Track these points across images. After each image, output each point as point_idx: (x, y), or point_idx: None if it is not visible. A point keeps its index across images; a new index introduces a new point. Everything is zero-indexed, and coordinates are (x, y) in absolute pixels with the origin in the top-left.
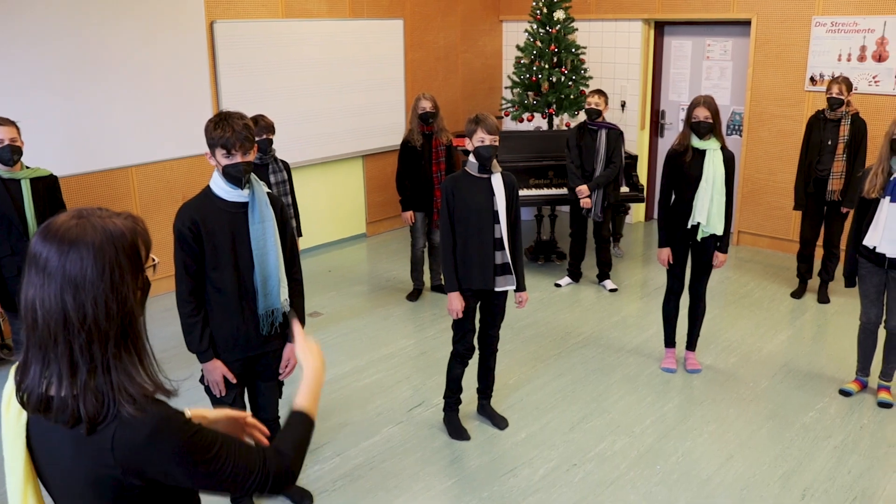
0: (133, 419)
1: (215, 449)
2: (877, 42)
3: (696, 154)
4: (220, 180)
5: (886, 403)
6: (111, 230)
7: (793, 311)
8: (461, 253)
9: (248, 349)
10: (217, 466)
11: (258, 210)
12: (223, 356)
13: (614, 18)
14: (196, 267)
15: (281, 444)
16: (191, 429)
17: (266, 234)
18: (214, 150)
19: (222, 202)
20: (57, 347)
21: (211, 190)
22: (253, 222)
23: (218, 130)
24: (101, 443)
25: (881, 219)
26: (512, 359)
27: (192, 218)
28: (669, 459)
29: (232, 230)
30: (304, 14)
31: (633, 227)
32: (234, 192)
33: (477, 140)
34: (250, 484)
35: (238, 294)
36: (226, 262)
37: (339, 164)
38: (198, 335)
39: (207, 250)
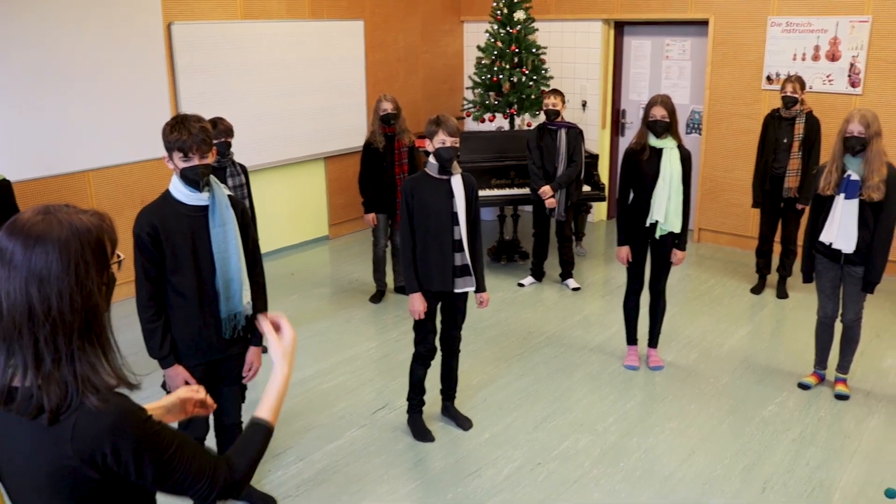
0: (95, 410)
1: (171, 450)
2: (830, 42)
3: (653, 153)
4: (178, 183)
5: (843, 396)
6: (77, 226)
7: (752, 306)
8: (421, 254)
9: (210, 353)
10: (169, 468)
11: (219, 213)
12: (185, 361)
13: (574, 19)
14: (156, 271)
15: (235, 457)
16: (151, 426)
17: (227, 236)
18: (172, 153)
19: (182, 206)
20: (22, 339)
21: (170, 194)
22: (214, 225)
23: (175, 133)
24: (62, 433)
25: (836, 215)
26: (475, 359)
27: (150, 222)
28: (632, 456)
29: (192, 234)
30: (263, 15)
31: (595, 226)
32: (193, 196)
33: (438, 142)
34: (196, 490)
35: (199, 298)
36: (186, 265)
37: (300, 166)
38: (159, 340)
39: (167, 254)
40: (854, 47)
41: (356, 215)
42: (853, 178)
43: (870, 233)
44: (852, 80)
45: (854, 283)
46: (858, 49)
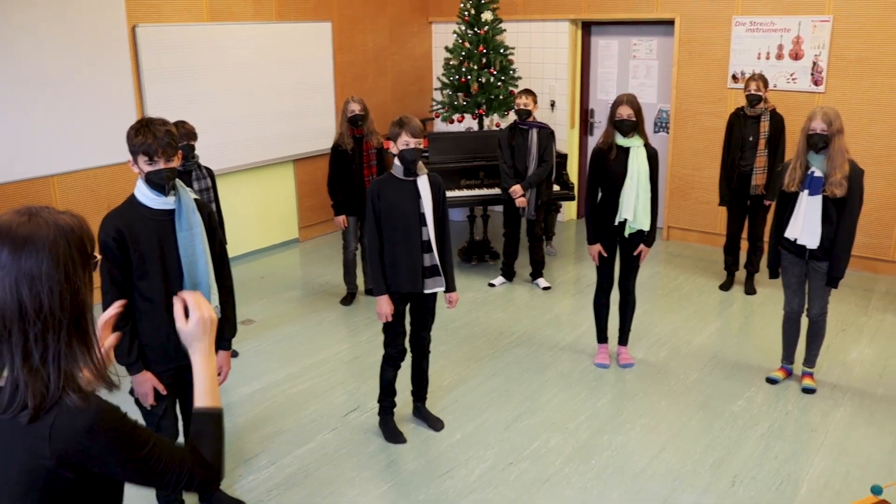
0: (74, 408)
1: (149, 446)
2: (793, 41)
3: (620, 151)
4: (144, 188)
5: (810, 389)
6: (62, 225)
7: (721, 303)
8: (389, 256)
9: (178, 359)
10: (147, 464)
11: (185, 217)
12: (153, 367)
13: (542, 19)
14: (122, 277)
15: (203, 449)
16: (128, 423)
17: (194, 241)
18: (137, 157)
19: (148, 210)
20: (11, 338)
21: (135, 198)
22: (180, 229)
23: (139, 137)
24: (39, 432)
25: (800, 211)
26: (446, 360)
27: (116, 227)
28: (603, 454)
29: (159, 238)
30: (229, 17)
31: (565, 226)
32: (159, 200)
33: (402, 143)
34: (175, 484)
35: (167, 303)
36: (153, 270)
37: (269, 168)
38: (126, 346)
39: (134, 259)
40: (816, 46)
41: (326, 218)
42: (816, 174)
43: (833, 228)
44: (815, 78)
45: (819, 279)
46: (820, 48)
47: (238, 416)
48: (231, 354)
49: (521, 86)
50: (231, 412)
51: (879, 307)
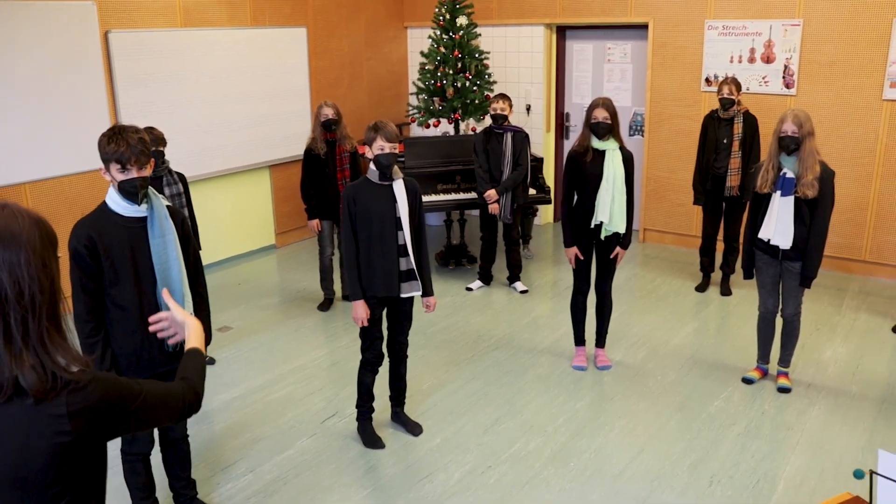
0: (84, 384)
1: (147, 397)
2: (764, 45)
3: (596, 154)
4: (115, 195)
5: (785, 389)
6: (34, 216)
7: (697, 304)
8: (365, 260)
9: (152, 367)
10: (152, 411)
11: (158, 224)
12: (126, 375)
13: (517, 23)
14: (94, 285)
15: (186, 373)
16: (125, 383)
17: (167, 248)
18: (109, 165)
19: (119, 217)
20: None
21: (107, 205)
22: (153, 237)
23: (112, 145)
24: (55, 410)
25: (773, 212)
26: (425, 364)
27: (87, 235)
28: (582, 456)
29: (131, 245)
30: (204, 23)
31: (542, 229)
32: (131, 207)
33: (377, 148)
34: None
35: (140, 311)
36: (126, 278)
37: (245, 174)
38: (99, 355)
39: (105, 267)
40: (787, 50)
41: (303, 223)
42: (788, 175)
43: (806, 229)
44: (787, 81)
45: (792, 279)
46: (792, 51)
47: (216, 423)
48: (208, 362)
49: (496, 90)
50: (208, 420)
51: (852, 306)
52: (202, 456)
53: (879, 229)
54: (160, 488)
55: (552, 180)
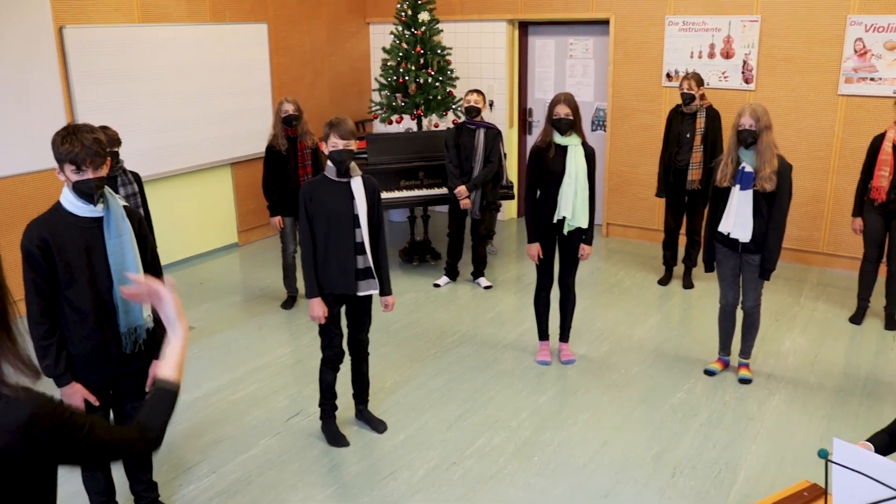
0: (13, 400)
1: (86, 430)
2: (724, 40)
3: (558, 150)
4: (70, 195)
5: (746, 380)
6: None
7: (660, 297)
8: (321, 257)
9: (110, 369)
10: (88, 446)
11: (114, 224)
12: (83, 378)
13: (479, 19)
14: (47, 286)
15: (147, 420)
16: (65, 410)
17: (124, 248)
18: (63, 165)
19: (74, 217)
20: None
21: (61, 205)
22: (109, 237)
23: (66, 145)
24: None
25: (732, 206)
26: (388, 361)
27: (40, 235)
28: (546, 450)
29: (87, 246)
30: (162, 18)
31: (505, 224)
32: (86, 207)
33: (331, 145)
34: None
35: (96, 312)
36: (81, 279)
37: (206, 172)
38: (53, 358)
39: (60, 268)
40: (746, 45)
41: (265, 221)
42: (747, 169)
43: (764, 222)
44: (746, 76)
45: (752, 271)
46: (750, 47)
47: (178, 424)
48: None
49: (459, 86)
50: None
51: (811, 297)
52: (164, 458)
53: (836, 222)
54: (120, 492)
55: (515, 176)
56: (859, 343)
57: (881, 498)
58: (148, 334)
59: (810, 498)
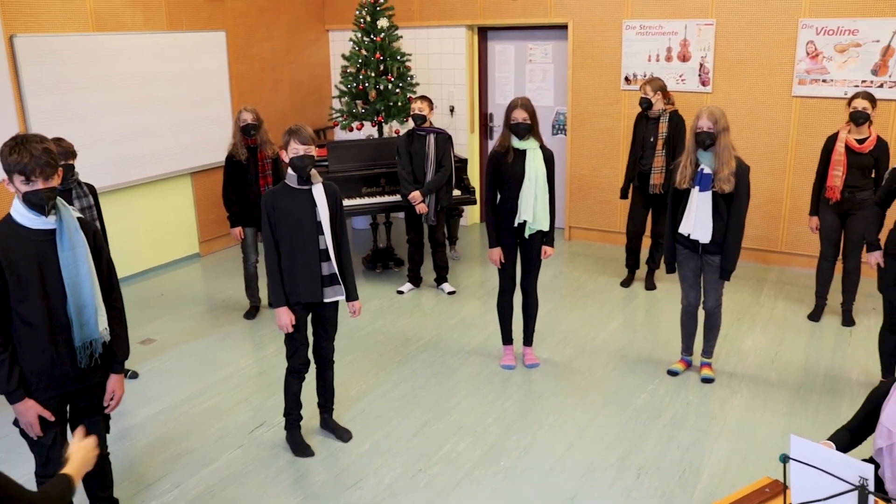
0: None
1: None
2: (680, 44)
3: (517, 154)
4: (21, 207)
5: (709, 379)
6: None
7: (623, 299)
8: (287, 266)
9: (64, 385)
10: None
11: (67, 237)
12: (37, 394)
13: (438, 25)
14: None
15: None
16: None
17: (78, 261)
18: (12, 176)
19: (26, 230)
20: None
21: (12, 218)
22: (62, 250)
23: (14, 155)
24: None
25: (692, 207)
26: (353, 369)
27: None
28: (512, 454)
29: (39, 259)
30: (117, 27)
31: (468, 230)
32: (38, 220)
33: (291, 151)
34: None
35: (50, 327)
36: (33, 293)
37: (166, 182)
38: (5, 374)
39: (10, 282)
40: (702, 48)
41: (227, 231)
42: (706, 171)
43: (724, 223)
44: (703, 79)
45: (712, 272)
46: (706, 50)
47: (139, 439)
48: (130, 376)
49: (419, 92)
50: (131, 436)
51: (771, 295)
52: (125, 474)
53: (794, 221)
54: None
55: (477, 181)
56: (818, 340)
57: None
58: (104, 348)
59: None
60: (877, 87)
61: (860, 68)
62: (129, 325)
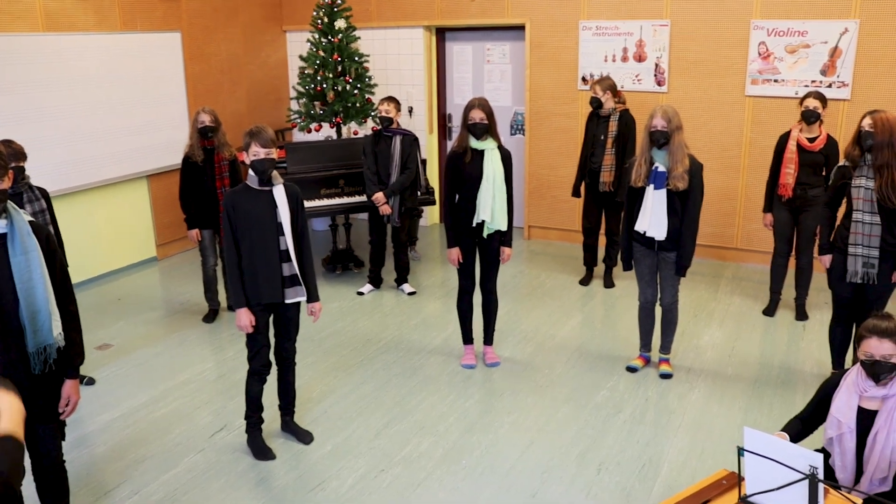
0: None
1: None
2: (636, 44)
3: (475, 154)
4: None
5: (667, 374)
6: None
7: (582, 297)
8: (247, 267)
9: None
10: None
11: (19, 241)
12: None
13: (396, 26)
14: None
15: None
16: None
17: (30, 265)
18: None
19: None
20: None
21: None
22: (14, 254)
23: None
24: None
25: (647, 205)
26: (314, 371)
27: None
28: (474, 453)
29: None
30: (69, 27)
31: (428, 230)
32: None
33: (252, 153)
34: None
35: (2, 333)
36: None
37: (121, 185)
38: None
39: None
40: (658, 49)
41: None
42: (660, 169)
43: (679, 220)
44: (658, 79)
45: (668, 268)
46: (661, 50)
47: (96, 446)
48: (86, 382)
49: (377, 93)
50: (88, 443)
51: (727, 291)
52: (82, 481)
53: (748, 218)
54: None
55: (436, 181)
56: (773, 334)
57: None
58: (59, 353)
59: (728, 486)
60: (826, 87)
61: (810, 69)
62: (85, 331)
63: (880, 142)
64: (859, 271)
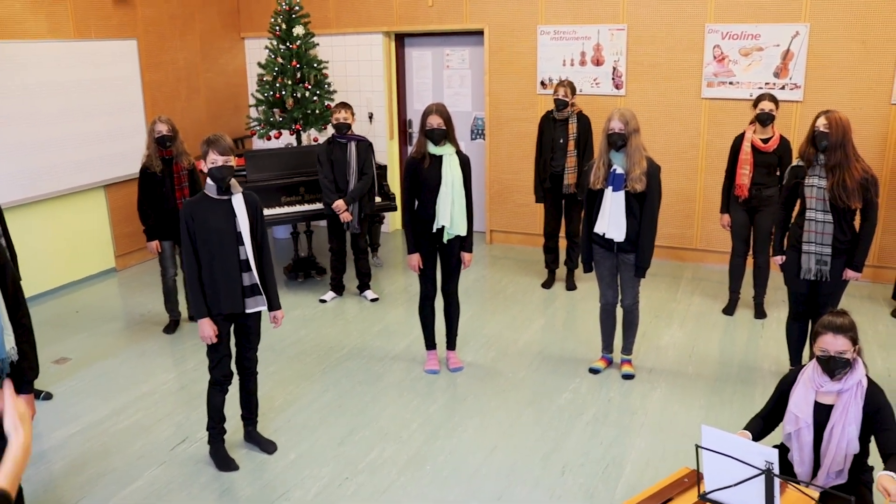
0: None
1: None
2: (594, 48)
3: (433, 160)
4: None
5: (629, 375)
6: None
7: (544, 300)
8: (207, 277)
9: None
10: None
11: None
12: None
13: (355, 32)
14: None
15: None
16: None
17: None
18: None
19: None
20: None
21: None
22: None
23: None
24: None
25: (606, 207)
26: (276, 380)
27: None
28: (438, 459)
29: None
30: (20, 35)
31: (390, 236)
32: None
33: (210, 161)
34: None
35: None
36: None
37: (78, 196)
38: None
39: None
40: (615, 53)
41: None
42: (618, 171)
43: (637, 222)
44: (616, 82)
45: (628, 270)
46: (619, 54)
47: (54, 462)
48: (43, 397)
49: (337, 99)
50: (46, 459)
51: (687, 291)
52: (40, 498)
53: (707, 219)
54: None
55: (397, 187)
56: (732, 333)
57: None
58: (12, 367)
59: (690, 484)
60: (779, 88)
61: (763, 71)
62: (42, 345)
63: (834, 142)
64: (812, 268)
